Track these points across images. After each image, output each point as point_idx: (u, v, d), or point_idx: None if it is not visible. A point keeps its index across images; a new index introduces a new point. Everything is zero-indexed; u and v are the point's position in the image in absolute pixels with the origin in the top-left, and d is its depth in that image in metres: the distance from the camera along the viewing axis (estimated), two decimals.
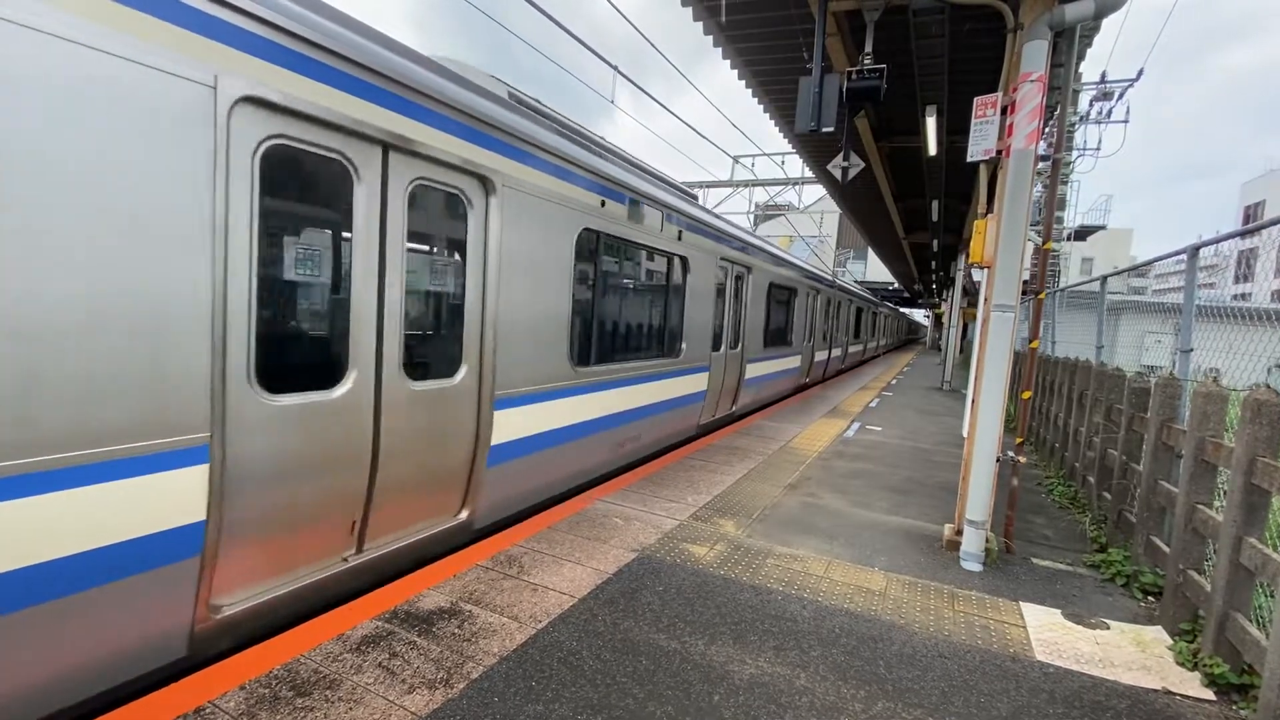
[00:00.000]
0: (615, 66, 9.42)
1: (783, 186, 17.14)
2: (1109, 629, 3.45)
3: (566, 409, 4.86)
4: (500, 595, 3.36)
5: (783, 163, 16.69)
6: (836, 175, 7.85)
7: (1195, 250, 4.17)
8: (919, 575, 4.04)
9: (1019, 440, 4.55)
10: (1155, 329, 8.32)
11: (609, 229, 5.25)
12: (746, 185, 17.41)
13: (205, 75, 2.36)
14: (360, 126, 2.97)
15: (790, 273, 11.50)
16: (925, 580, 3.96)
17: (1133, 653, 3.20)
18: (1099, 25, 5.89)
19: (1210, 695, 2.83)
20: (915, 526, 5.02)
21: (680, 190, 7.51)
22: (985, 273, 4.48)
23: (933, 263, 23.16)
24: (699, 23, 7.06)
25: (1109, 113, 15.76)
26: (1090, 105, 15.62)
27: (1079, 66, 7.54)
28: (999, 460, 4.29)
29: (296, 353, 3.00)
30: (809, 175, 15.65)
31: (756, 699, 2.61)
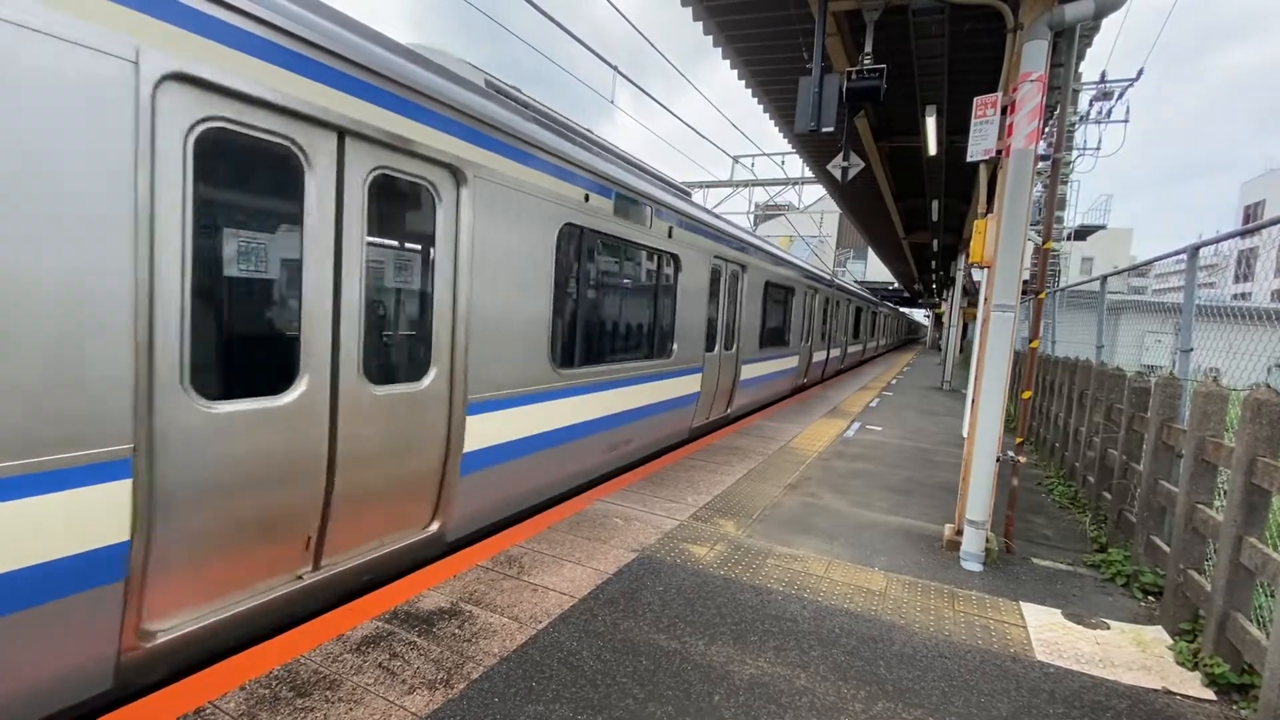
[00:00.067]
0: (615, 67, 9.43)
1: (783, 186, 17.15)
2: (1109, 629, 3.45)
3: (548, 413, 4.66)
4: (500, 595, 3.36)
5: (783, 163, 16.71)
6: (836, 175, 7.86)
7: (1195, 250, 4.18)
8: (919, 575, 4.04)
9: (1019, 440, 4.55)
10: (1155, 328, 8.32)
11: (593, 225, 5.03)
12: (746, 185, 17.42)
13: (124, 49, 2.14)
14: (311, 110, 2.74)
15: (787, 271, 11.33)
16: (925, 580, 3.96)
17: (1133, 652, 3.20)
18: (1099, 25, 5.89)
19: (1210, 695, 2.83)
20: (915, 526, 5.02)
21: (672, 186, 7.34)
22: (985, 272, 4.48)
23: (933, 262, 23.16)
24: (699, 22, 7.07)
25: (1109, 112, 15.77)
26: (1090, 105, 15.63)
27: (1079, 66, 7.54)
28: (999, 460, 4.29)
29: (239, 356, 2.76)
30: (809, 175, 15.66)
31: (757, 699, 2.61)
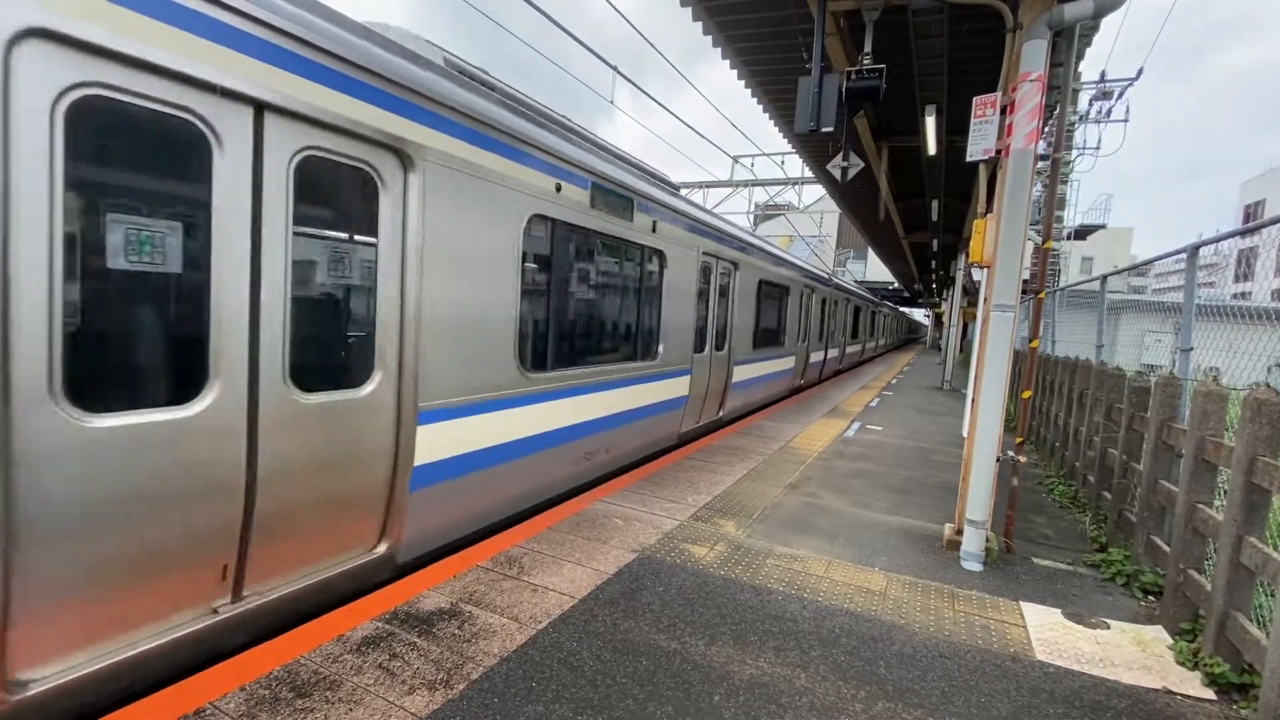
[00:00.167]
0: (615, 67, 9.44)
1: (783, 186, 17.16)
2: (1109, 628, 3.45)
3: (516, 420, 4.34)
4: (500, 596, 3.36)
5: (782, 163, 16.73)
6: (836, 175, 7.87)
7: (1195, 249, 4.18)
8: (919, 575, 4.04)
9: (1019, 440, 4.55)
10: (1155, 328, 8.32)
11: (567, 217, 4.72)
12: (746, 185, 17.43)
13: None
14: (218, 79, 2.43)
15: (782, 270, 11.08)
16: (925, 580, 3.96)
17: (1133, 652, 3.20)
18: (1098, 25, 5.90)
19: (1210, 695, 2.83)
20: (916, 526, 5.02)
21: (657, 180, 7.00)
22: (985, 272, 4.48)
23: (933, 262, 23.17)
24: (698, 22, 7.07)
25: (1109, 112, 15.77)
26: (1090, 105, 15.63)
27: (1078, 66, 7.55)
28: (999, 460, 4.29)
29: (128, 361, 2.43)
30: (809, 175, 15.67)
31: (757, 699, 2.61)
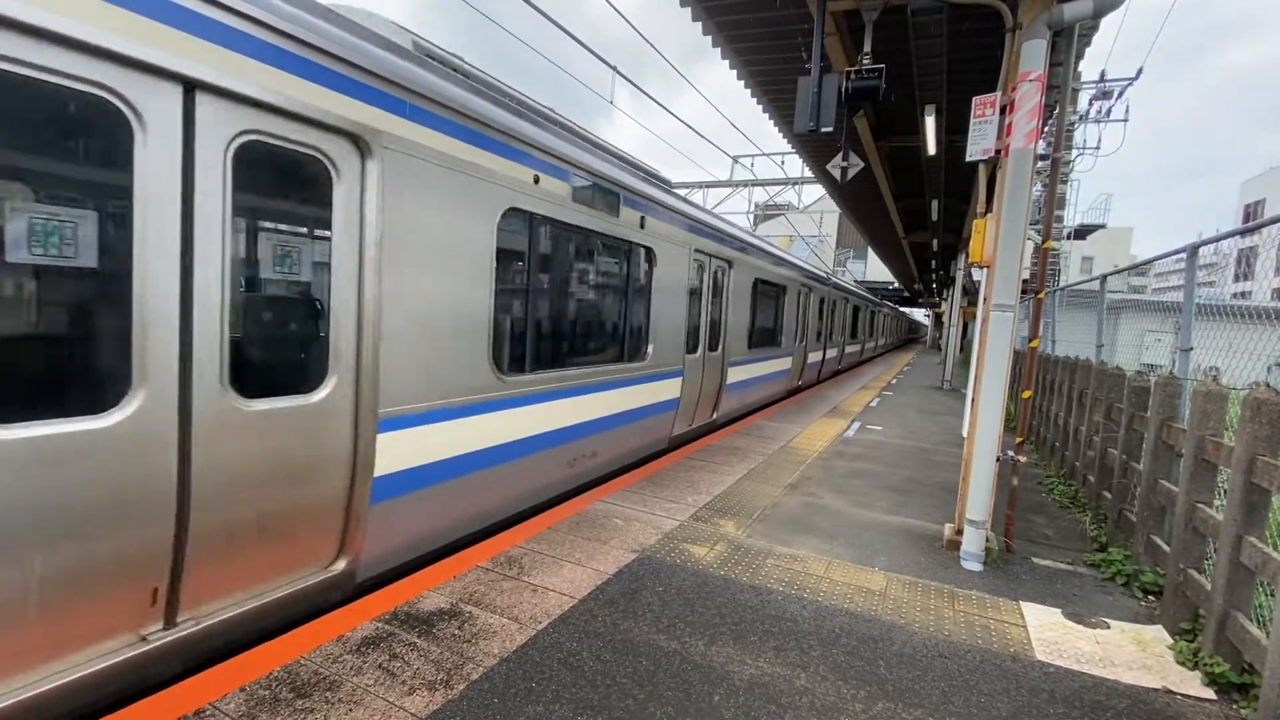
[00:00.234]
0: (614, 67, 9.45)
1: (782, 186, 17.17)
2: (1109, 628, 3.45)
3: (490, 427, 4.12)
4: (500, 596, 3.36)
5: (782, 163, 16.75)
6: (836, 175, 7.86)
7: (1195, 249, 4.18)
8: (919, 575, 4.04)
9: (1019, 440, 4.55)
10: (1155, 327, 8.31)
11: (546, 211, 4.49)
12: (746, 185, 17.44)
13: None
14: (138, 54, 2.21)
15: (779, 268, 10.90)
16: (925, 580, 3.96)
17: (1133, 652, 3.20)
18: (1098, 24, 5.89)
19: (1211, 694, 2.83)
20: (916, 526, 5.02)
21: (647, 174, 6.73)
22: (985, 272, 4.48)
23: (933, 262, 23.18)
24: (698, 23, 7.08)
25: (1109, 111, 15.77)
26: (1090, 104, 15.63)
27: (1078, 65, 7.55)
28: (999, 460, 4.29)
29: (31, 366, 2.23)
30: (809, 175, 15.68)
31: (756, 699, 2.61)
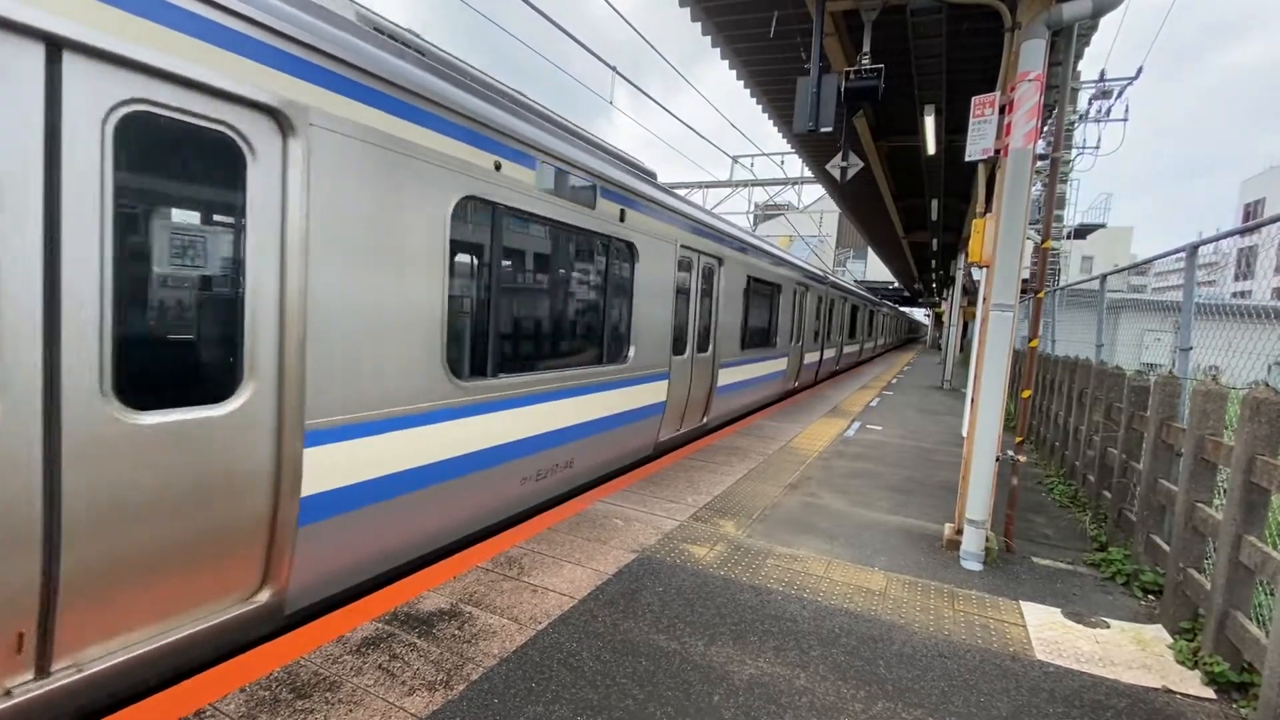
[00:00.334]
0: (614, 67, 9.46)
1: (782, 186, 17.18)
2: (1109, 628, 3.45)
3: (447, 436, 3.77)
4: (500, 597, 3.37)
5: (782, 163, 16.76)
6: (835, 175, 7.86)
7: (1194, 248, 4.18)
8: (919, 575, 4.04)
9: (1019, 439, 4.55)
10: (1155, 327, 8.31)
11: (510, 200, 4.13)
12: (746, 185, 17.45)
13: None
14: None
15: (774, 266, 10.52)
16: (925, 580, 3.96)
17: (1133, 651, 3.20)
18: (1097, 24, 5.90)
19: (1210, 694, 2.83)
20: (915, 526, 5.02)
21: (628, 164, 6.30)
22: (985, 272, 4.48)
23: (932, 261, 23.18)
24: (697, 23, 7.08)
25: (1108, 111, 15.77)
26: (1089, 104, 15.62)
27: (1077, 65, 7.55)
28: (999, 459, 4.29)
29: None
30: (808, 175, 15.69)
31: (756, 699, 2.61)
